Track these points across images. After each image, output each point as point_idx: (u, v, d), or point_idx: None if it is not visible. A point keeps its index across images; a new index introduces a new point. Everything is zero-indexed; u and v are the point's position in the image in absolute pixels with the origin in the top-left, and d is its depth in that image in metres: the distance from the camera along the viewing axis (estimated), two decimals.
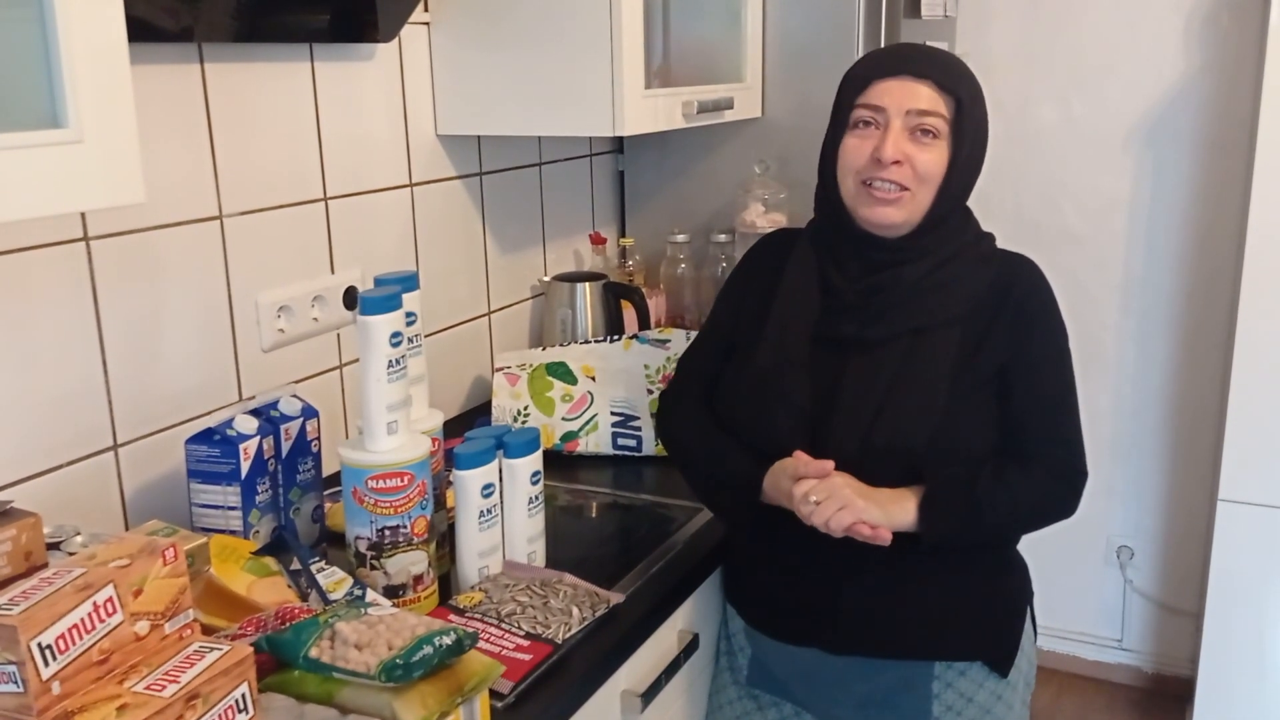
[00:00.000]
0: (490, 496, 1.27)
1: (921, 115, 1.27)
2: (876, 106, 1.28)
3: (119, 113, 0.90)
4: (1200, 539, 2.74)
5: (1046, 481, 1.32)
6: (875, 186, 1.28)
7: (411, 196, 1.81)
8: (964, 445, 1.28)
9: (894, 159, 1.26)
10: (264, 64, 1.50)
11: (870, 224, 1.31)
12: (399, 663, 0.94)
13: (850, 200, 1.32)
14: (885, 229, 1.31)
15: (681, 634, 1.42)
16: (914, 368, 1.29)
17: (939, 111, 1.27)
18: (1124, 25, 2.59)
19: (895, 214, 1.29)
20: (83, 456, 1.32)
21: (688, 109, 1.86)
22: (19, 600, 0.83)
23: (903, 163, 1.27)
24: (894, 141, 1.26)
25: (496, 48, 1.76)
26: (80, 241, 1.29)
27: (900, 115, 1.27)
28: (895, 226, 1.30)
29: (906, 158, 1.27)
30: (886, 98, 1.27)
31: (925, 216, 1.30)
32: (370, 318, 1.20)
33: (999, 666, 1.37)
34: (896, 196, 1.28)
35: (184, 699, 0.86)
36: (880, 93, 1.28)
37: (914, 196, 1.28)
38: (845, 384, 1.31)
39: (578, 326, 2.04)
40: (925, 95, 1.27)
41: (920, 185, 1.28)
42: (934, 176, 1.28)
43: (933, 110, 1.27)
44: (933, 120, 1.27)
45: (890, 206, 1.29)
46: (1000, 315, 1.31)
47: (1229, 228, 2.59)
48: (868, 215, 1.30)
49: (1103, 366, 2.78)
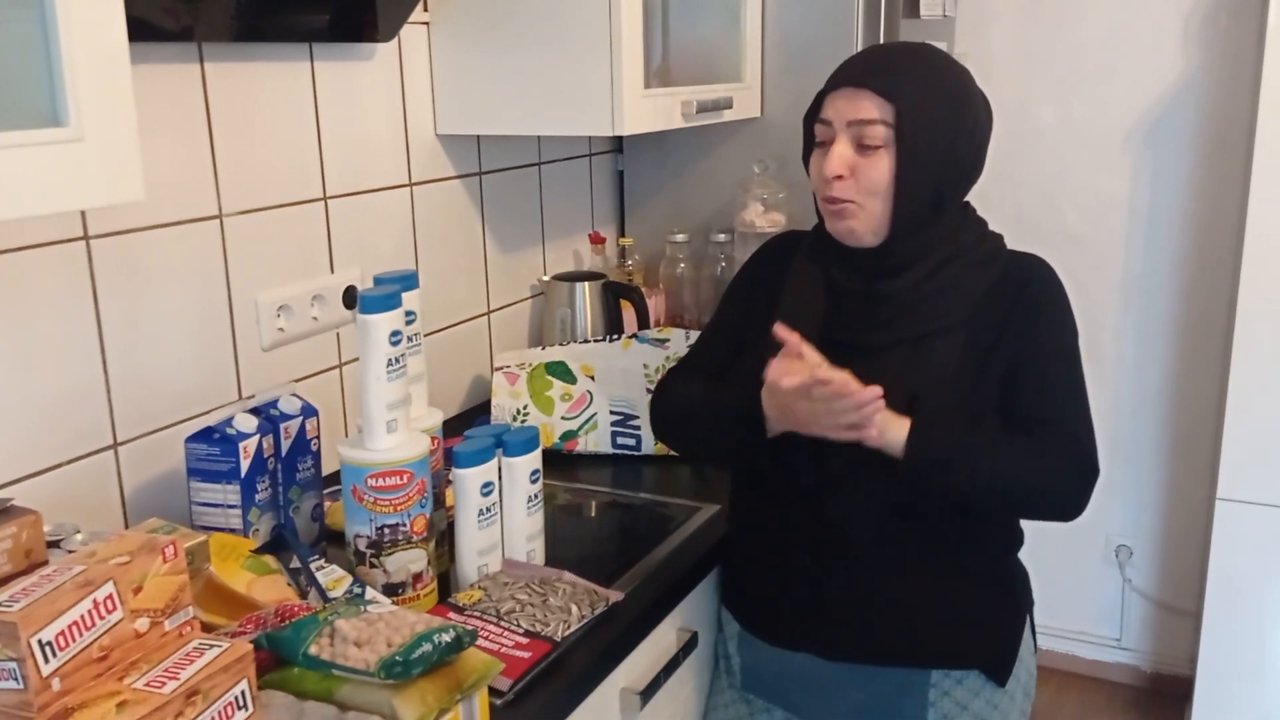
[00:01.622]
0: (489, 495, 1.27)
1: (862, 125, 1.25)
2: (825, 120, 1.28)
3: (119, 110, 0.91)
4: (1199, 538, 2.74)
5: (1056, 459, 1.27)
6: (830, 202, 1.29)
7: (411, 196, 1.82)
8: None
9: (835, 174, 1.26)
10: (264, 63, 1.51)
11: (837, 237, 1.31)
12: (398, 660, 0.94)
13: (822, 215, 1.33)
14: (850, 241, 1.31)
15: (680, 632, 1.42)
16: (916, 373, 1.27)
17: (881, 119, 1.24)
18: (1123, 25, 2.60)
19: (853, 226, 1.29)
20: (82, 455, 1.32)
21: (687, 109, 1.87)
22: (19, 597, 0.83)
23: (845, 177, 1.26)
24: (836, 156, 1.26)
25: (496, 47, 1.76)
26: (80, 240, 1.29)
27: (844, 128, 1.26)
28: (858, 237, 1.30)
29: (852, 171, 1.26)
30: (832, 111, 1.27)
31: (893, 225, 1.28)
32: (370, 316, 1.20)
33: (996, 675, 1.35)
34: (843, 209, 1.28)
35: (183, 696, 0.86)
36: (829, 106, 1.28)
37: (863, 208, 1.27)
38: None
39: (577, 326, 2.04)
40: (865, 105, 1.25)
41: (868, 197, 1.26)
42: (880, 186, 1.26)
43: (872, 119, 1.24)
44: (873, 129, 1.24)
45: (844, 221, 1.29)
46: (1013, 313, 1.29)
47: (1228, 227, 2.59)
48: (831, 229, 1.32)
49: (1102, 366, 2.78)
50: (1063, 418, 1.29)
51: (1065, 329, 1.32)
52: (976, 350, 1.28)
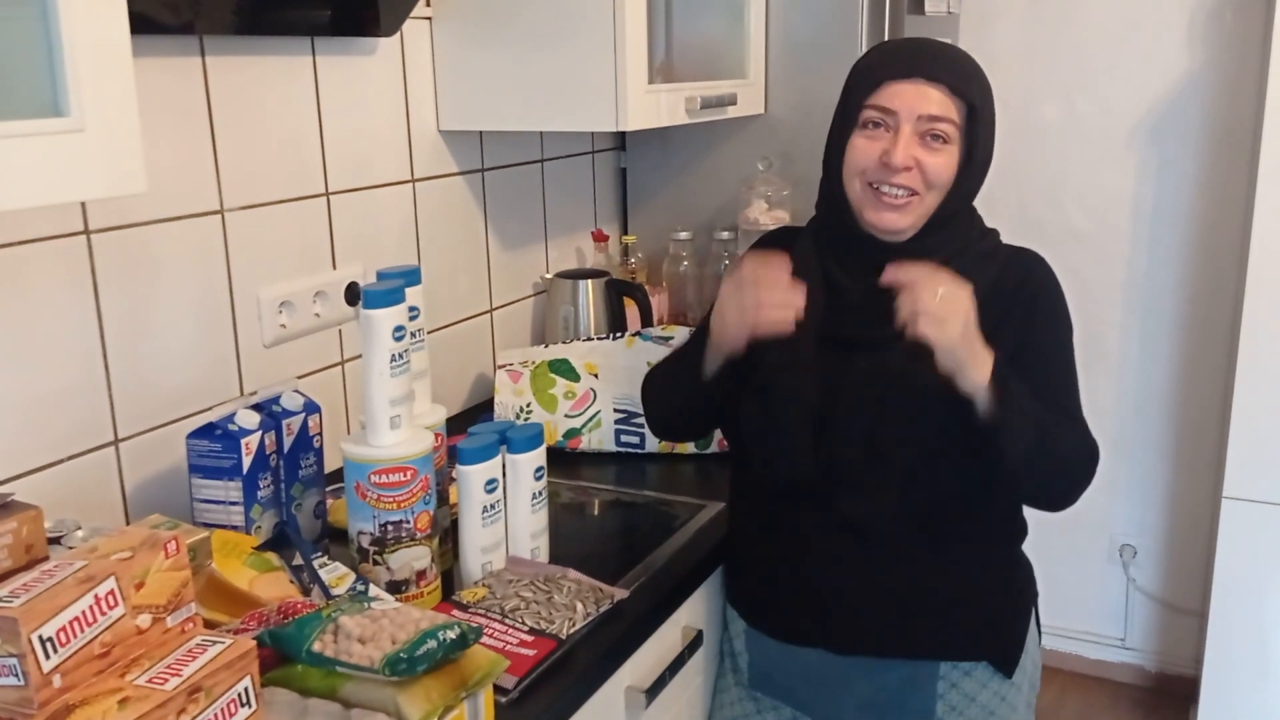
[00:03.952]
0: (494, 492, 1.26)
1: (933, 120, 1.24)
2: (887, 109, 1.25)
3: (121, 101, 0.90)
4: (1204, 537, 2.74)
5: (1084, 442, 1.29)
6: (883, 191, 1.26)
7: (414, 192, 1.81)
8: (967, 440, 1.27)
9: (905, 165, 1.24)
10: (265, 58, 1.50)
11: (875, 228, 1.29)
12: (403, 656, 0.93)
13: (856, 201, 1.30)
14: (890, 234, 1.29)
15: (685, 630, 1.41)
16: (918, 367, 1.27)
17: (950, 117, 1.25)
18: (1127, 22, 2.59)
19: (901, 220, 1.27)
20: (84, 451, 1.31)
21: (690, 105, 1.86)
22: (20, 592, 0.83)
23: (912, 168, 1.25)
24: (904, 147, 1.24)
25: (499, 43, 1.75)
26: (81, 235, 1.28)
27: (911, 120, 1.24)
28: (900, 231, 1.29)
29: (916, 163, 1.25)
30: (898, 100, 1.25)
31: (930, 220, 1.29)
32: (373, 311, 1.19)
33: (1004, 667, 1.36)
34: (905, 202, 1.26)
35: (186, 692, 0.85)
36: (891, 95, 1.25)
37: (922, 201, 1.27)
38: (850, 383, 1.30)
39: (580, 324, 2.03)
40: (937, 100, 1.24)
41: (929, 190, 1.27)
42: (943, 182, 1.26)
43: (944, 115, 1.24)
44: (944, 126, 1.25)
45: (896, 212, 1.27)
46: (1012, 310, 1.29)
47: (1233, 224, 2.58)
48: (874, 219, 1.29)
49: (1106, 364, 2.77)
50: (1063, 409, 1.30)
51: (1061, 324, 1.33)
52: None
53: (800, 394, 1.31)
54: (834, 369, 1.31)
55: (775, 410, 1.33)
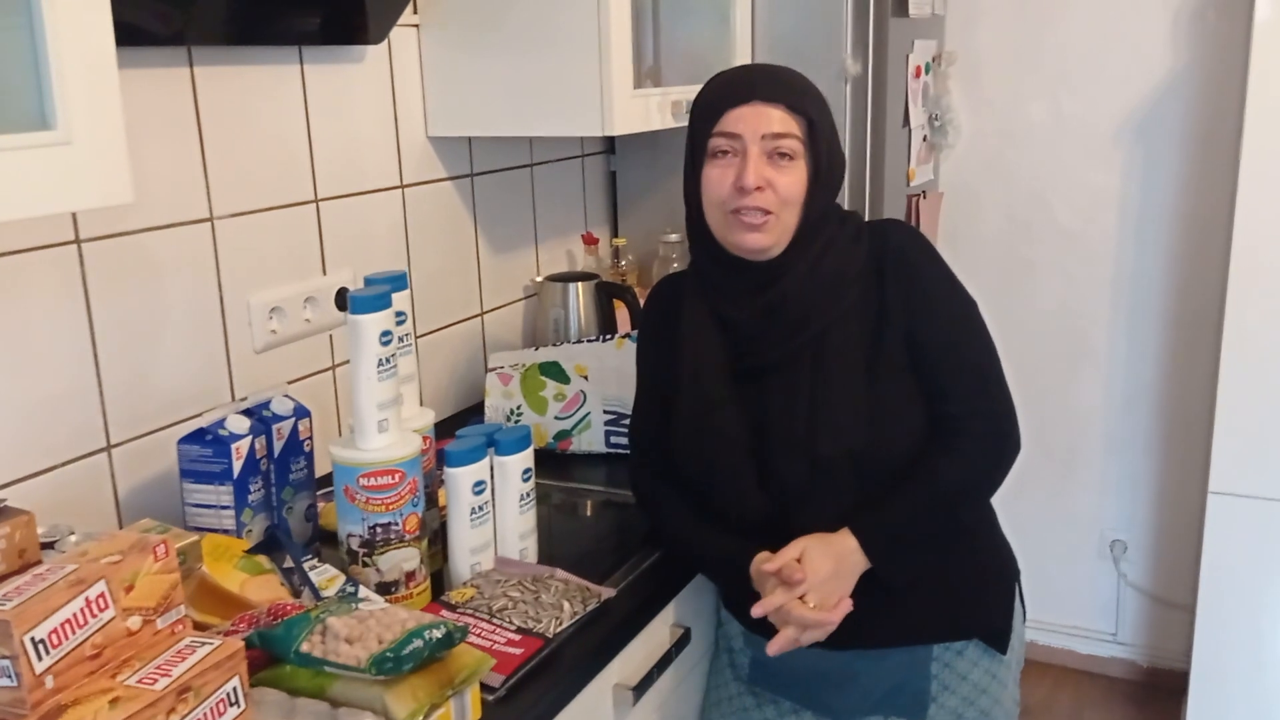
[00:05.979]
0: (482, 493, 1.28)
1: (777, 138, 1.28)
2: (732, 134, 1.29)
3: (107, 114, 0.91)
4: (1193, 532, 2.75)
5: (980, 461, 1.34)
6: (742, 214, 1.30)
7: (403, 198, 1.82)
8: (901, 429, 1.31)
9: (756, 185, 1.28)
10: (254, 67, 1.51)
11: (741, 250, 1.32)
12: (389, 656, 0.95)
13: (719, 229, 1.33)
14: (756, 253, 1.32)
15: (673, 628, 1.43)
16: (829, 373, 1.31)
17: (793, 132, 1.28)
18: (1112, 22, 2.61)
19: (764, 238, 1.30)
20: (76, 457, 1.33)
21: (677, 109, 1.87)
22: (12, 595, 0.84)
23: (764, 188, 1.28)
24: (754, 168, 1.28)
25: (486, 49, 1.77)
26: (72, 244, 1.30)
27: (756, 141, 1.28)
28: (765, 250, 1.32)
29: (767, 182, 1.28)
30: (741, 124, 1.29)
31: (794, 235, 1.32)
32: (360, 316, 1.21)
33: (995, 642, 1.39)
34: (762, 221, 1.29)
35: (175, 692, 0.87)
36: (734, 120, 1.29)
37: (779, 219, 1.30)
38: (772, 409, 1.33)
39: (570, 326, 2.04)
40: (778, 118, 1.28)
41: (784, 207, 1.30)
42: (796, 197, 1.30)
43: (787, 131, 1.28)
44: (789, 142, 1.28)
45: (757, 232, 1.30)
46: (887, 280, 1.33)
47: (1217, 222, 2.60)
48: (738, 241, 1.32)
49: (1094, 361, 2.79)
50: (972, 392, 1.33)
51: (941, 279, 1.36)
52: (869, 330, 1.32)
53: (726, 432, 1.34)
54: (753, 401, 1.34)
55: (710, 457, 1.36)
